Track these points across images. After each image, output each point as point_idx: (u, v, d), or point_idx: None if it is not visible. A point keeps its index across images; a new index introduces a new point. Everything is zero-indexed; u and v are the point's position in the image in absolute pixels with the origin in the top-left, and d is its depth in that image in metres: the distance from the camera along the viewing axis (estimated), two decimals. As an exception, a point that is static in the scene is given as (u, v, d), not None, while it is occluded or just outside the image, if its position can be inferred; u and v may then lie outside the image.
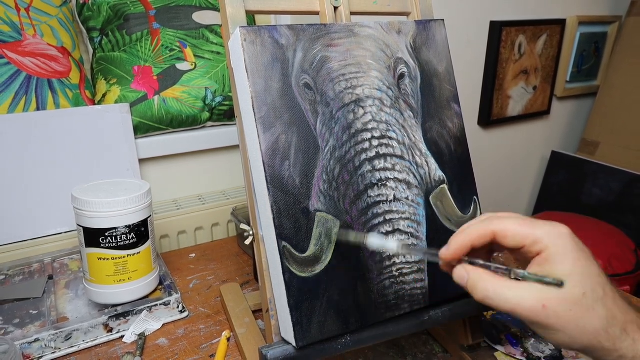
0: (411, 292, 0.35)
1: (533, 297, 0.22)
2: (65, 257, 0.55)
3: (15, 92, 0.55)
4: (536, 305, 0.22)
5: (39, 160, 0.56)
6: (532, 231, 0.23)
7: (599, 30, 1.08)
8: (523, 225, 0.24)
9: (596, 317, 0.22)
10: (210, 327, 0.45)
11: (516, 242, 0.24)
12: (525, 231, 0.24)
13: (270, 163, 0.31)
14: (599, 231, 0.89)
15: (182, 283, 0.53)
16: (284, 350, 0.31)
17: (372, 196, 0.34)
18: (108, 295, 0.44)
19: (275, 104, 0.32)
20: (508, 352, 0.41)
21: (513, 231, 0.24)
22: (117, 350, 0.41)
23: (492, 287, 0.23)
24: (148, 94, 0.61)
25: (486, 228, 0.25)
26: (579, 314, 0.22)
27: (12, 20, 0.55)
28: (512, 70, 0.95)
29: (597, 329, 0.22)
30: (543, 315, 0.22)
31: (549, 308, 0.22)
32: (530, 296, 0.22)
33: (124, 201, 0.42)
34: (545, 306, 0.22)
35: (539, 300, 0.22)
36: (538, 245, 0.23)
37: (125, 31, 0.62)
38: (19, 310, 0.45)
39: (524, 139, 1.08)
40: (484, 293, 0.23)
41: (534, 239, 0.23)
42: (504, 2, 0.91)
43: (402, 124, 0.36)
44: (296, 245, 0.31)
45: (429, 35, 0.39)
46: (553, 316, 0.22)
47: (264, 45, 0.32)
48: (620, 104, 1.03)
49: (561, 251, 0.23)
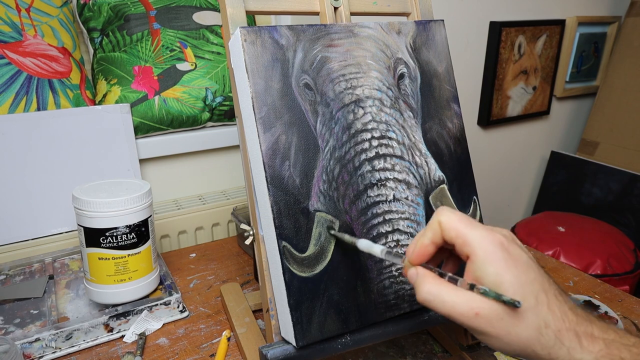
0: (411, 292, 0.35)
1: (467, 304, 0.22)
2: (66, 257, 0.55)
3: (16, 93, 0.55)
4: (469, 312, 0.22)
5: (40, 160, 0.56)
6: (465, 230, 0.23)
7: (598, 31, 1.08)
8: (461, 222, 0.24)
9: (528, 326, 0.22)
10: (211, 327, 0.45)
11: (451, 237, 0.24)
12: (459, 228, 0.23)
13: (270, 163, 0.31)
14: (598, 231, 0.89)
15: (183, 283, 0.53)
16: (284, 349, 0.31)
17: (371, 196, 0.34)
18: (108, 295, 0.44)
19: (276, 104, 0.32)
20: None
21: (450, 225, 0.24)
22: (117, 349, 0.41)
23: (431, 289, 0.23)
24: (148, 94, 0.61)
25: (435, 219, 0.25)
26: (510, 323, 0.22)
27: (13, 21, 0.55)
28: (512, 71, 0.95)
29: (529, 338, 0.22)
30: (476, 322, 0.22)
31: (481, 316, 0.22)
32: (464, 303, 0.22)
33: (124, 201, 0.42)
34: (478, 314, 0.22)
35: (472, 308, 0.22)
36: (467, 247, 0.23)
37: (125, 31, 0.62)
38: (20, 309, 0.45)
39: (524, 139, 1.08)
40: (424, 295, 0.23)
41: (464, 240, 0.23)
42: (504, 3, 0.91)
43: (401, 124, 0.36)
44: (296, 245, 0.31)
45: (429, 36, 0.39)
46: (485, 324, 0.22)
47: (264, 45, 0.32)
48: (620, 104, 1.03)
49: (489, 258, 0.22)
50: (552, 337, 0.22)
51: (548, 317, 0.22)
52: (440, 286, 0.23)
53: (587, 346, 0.22)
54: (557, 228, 0.90)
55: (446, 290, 0.23)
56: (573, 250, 0.84)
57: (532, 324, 0.22)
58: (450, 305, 0.22)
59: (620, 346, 0.22)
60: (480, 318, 0.22)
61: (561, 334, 0.22)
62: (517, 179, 1.13)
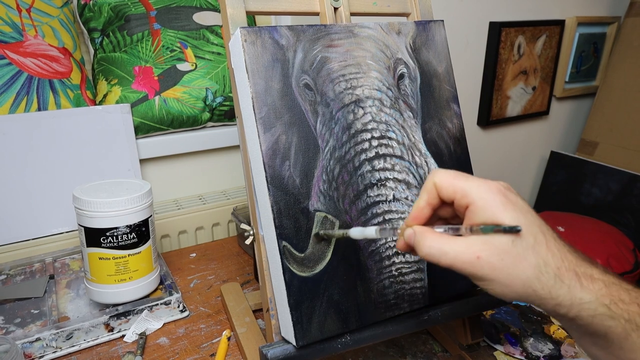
0: (411, 292, 0.35)
1: (468, 250, 0.22)
2: (67, 257, 0.55)
3: (17, 93, 0.55)
4: (471, 257, 0.22)
5: (40, 160, 0.56)
6: (462, 184, 0.24)
7: (597, 31, 1.08)
8: (456, 178, 0.24)
9: (527, 265, 0.22)
10: (211, 327, 0.45)
11: (449, 194, 0.24)
12: (456, 183, 0.24)
13: (270, 163, 0.32)
14: (597, 231, 0.89)
15: (183, 282, 0.53)
16: (284, 349, 0.31)
17: (371, 196, 0.34)
18: (109, 294, 0.44)
19: (276, 105, 0.32)
20: (507, 352, 0.41)
21: (446, 182, 0.24)
22: (118, 349, 0.41)
23: (432, 243, 0.23)
24: (149, 95, 0.61)
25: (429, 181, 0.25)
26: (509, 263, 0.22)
27: (14, 21, 0.55)
28: (511, 71, 0.95)
29: (529, 277, 0.22)
30: (478, 266, 0.22)
31: (482, 259, 0.22)
32: (465, 249, 0.22)
33: (124, 201, 0.42)
34: (479, 257, 0.22)
35: (473, 252, 0.22)
36: (466, 198, 0.23)
37: (126, 32, 0.62)
38: (20, 309, 0.45)
39: (523, 139, 1.09)
40: (426, 249, 0.24)
41: (463, 192, 0.24)
42: (503, 3, 0.91)
43: (401, 124, 0.36)
44: (296, 245, 0.31)
45: (429, 36, 0.39)
46: (487, 266, 0.22)
47: (264, 45, 0.33)
48: (619, 104, 1.03)
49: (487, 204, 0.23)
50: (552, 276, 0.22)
51: (547, 256, 0.22)
52: (440, 238, 0.23)
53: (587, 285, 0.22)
54: (556, 228, 0.91)
55: (446, 242, 0.23)
56: (573, 250, 0.84)
57: (532, 263, 0.22)
58: (452, 255, 0.23)
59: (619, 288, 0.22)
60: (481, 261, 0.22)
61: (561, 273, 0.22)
62: (517, 179, 1.13)
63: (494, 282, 0.22)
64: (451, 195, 0.24)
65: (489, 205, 0.23)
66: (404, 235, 0.25)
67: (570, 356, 0.41)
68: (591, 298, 0.22)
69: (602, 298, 0.22)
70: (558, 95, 1.08)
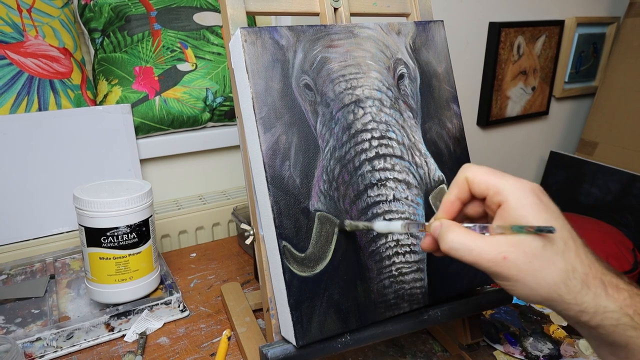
0: (410, 292, 0.35)
1: (494, 249, 0.22)
2: (67, 257, 0.55)
3: (17, 93, 0.55)
4: (497, 256, 0.22)
5: (41, 160, 0.56)
6: (496, 180, 0.23)
7: (597, 31, 1.08)
8: (490, 174, 0.24)
9: (555, 269, 0.22)
10: (211, 326, 0.45)
11: (481, 190, 0.24)
12: (490, 180, 0.24)
13: (270, 163, 0.32)
14: (597, 231, 0.89)
15: (183, 282, 0.53)
16: (284, 349, 0.31)
17: (371, 196, 0.34)
18: (109, 294, 0.44)
19: (276, 105, 0.32)
20: (507, 351, 0.41)
21: (479, 178, 0.24)
22: (118, 349, 0.41)
23: (458, 238, 0.23)
24: (149, 95, 0.62)
25: (461, 176, 0.25)
26: (538, 266, 0.22)
27: (14, 21, 0.56)
28: (511, 71, 0.96)
29: (557, 282, 0.22)
30: (504, 266, 0.22)
31: (509, 260, 0.22)
32: (492, 248, 0.22)
33: (125, 201, 0.42)
34: (506, 258, 0.22)
35: (500, 252, 0.22)
36: (499, 196, 0.23)
37: (126, 32, 0.62)
38: (21, 309, 0.45)
39: (523, 139, 1.09)
40: (450, 244, 0.23)
41: (496, 189, 0.23)
42: (503, 3, 0.91)
43: (401, 125, 0.36)
44: (296, 245, 0.31)
45: (428, 36, 0.39)
46: (513, 268, 0.22)
47: (264, 46, 0.33)
48: (619, 105, 1.03)
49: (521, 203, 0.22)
50: (579, 282, 0.22)
51: (576, 262, 0.22)
52: (466, 234, 0.23)
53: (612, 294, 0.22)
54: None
55: (472, 238, 0.23)
56: (572, 250, 0.84)
57: (560, 268, 0.22)
58: (477, 252, 0.22)
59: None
60: (508, 262, 0.22)
61: (588, 280, 0.22)
62: (517, 179, 1.13)
63: (519, 283, 0.22)
64: (484, 192, 0.24)
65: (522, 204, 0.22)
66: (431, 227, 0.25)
67: (570, 356, 0.41)
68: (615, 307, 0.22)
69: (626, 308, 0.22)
70: (557, 95, 1.08)
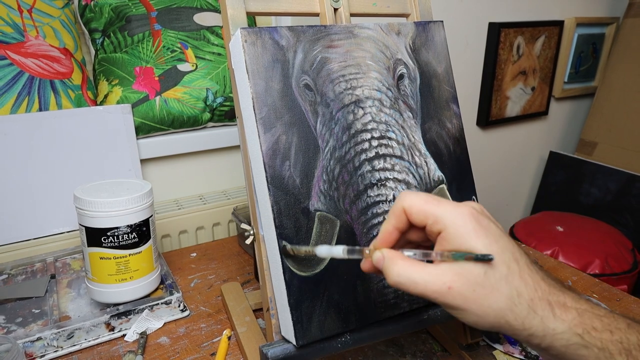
0: None
1: (438, 280, 0.22)
2: (68, 257, 0.55)
3: (18, 93, 0.55)
4: (442, 287, 0.22)
5: (42, 160, 0.56)
6: (433, 209, 0.23)
7: (596, 32, 1.08)
8: (428, 203, 0.23)
9: (500, 296, 0.21)
10: (211, 326, 0.45)
11: (420, 219, 0.24)
12: (428, 208, 0.23)
13: (270, 163, 0.32)
14: (596, 231, 0.89)
15: (183, 282, 0.53)
16: (284, 348, 0.31)
17: (371, 196, 0.34)
18: (110, 294, 0.44)
19: (276, 105, 0.33)
20: (506, 351, 0.41)
21: (417, 207, 0.24)
22: (118, 348, 0.41)
23: (403, 271, 0.23)
24: (149, 95, 0.62)
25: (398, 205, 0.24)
26: (482, 294, 0.21)
27: (15, 22, 0.56)
28: (511, 71, 0.96)
29: (502, 308, 0.21)
30: (449, 296, 0.22)
31: (454, 289, 0.22)
32: (436, 279, 0.22)
33: (125, 201, 0.42)
34: (451, 287, 0.22)
35: (444, 282, 0.22)
36: (437, 225, 0.23)
37: (126, 32, 0.62)
38: (22, 309, 0.45)
39: (523, 139, 1.09)
40: (395, 278, 0.23)
41: (434, 218, 0.23)
42: (503, 4, 0.91)
43: (401, 125, 0.37)
44: (296, 245, 0.31)
45: (428, 37, 0.39)
46: (458, 297, 0.22)
47: (264, 46, 0.33)
48: (618, 105, 1.04)
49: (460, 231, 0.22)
50: (525, 307, 0.22)
51: (520, 285, 0.22)
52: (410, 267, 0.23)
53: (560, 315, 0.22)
54: (555, 228, 0.91)
55: (416, 270, 0.23)
56: (572, 250, 0.85)
57: (505, 293, 0.21)
58: (422, 285, 0.22)
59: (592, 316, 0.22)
60: (453, 291, 0.22)
61: (534, 303, 0.22)
62: (516, 179, 1.13)
63: (466, 312, 0.22)
64: (422, 221, 0.24)
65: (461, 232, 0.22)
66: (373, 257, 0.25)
67: (569, 355, 0.41)
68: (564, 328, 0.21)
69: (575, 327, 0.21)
70: (557, 95, 1.08)
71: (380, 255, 0.24)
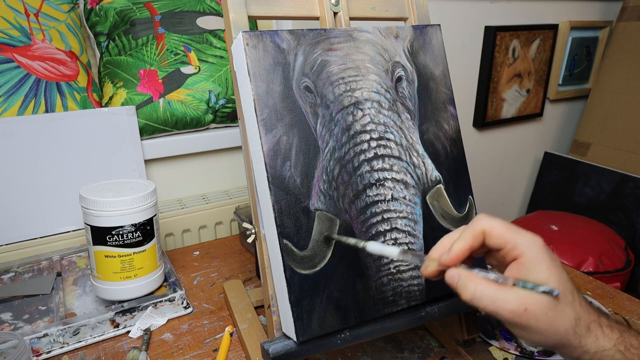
0: (408, 289, 0.36)
1: (517, 301, 0.24)
2: (73, 255, 0.56)
3: (25, 95, 0.56)
4: (519, 308, 0.24)
5: (48, 161, 0.56)
6: (514, 236, 0.26)
7: (590, 35, 1.10)
8: (508, 230, 0.26)
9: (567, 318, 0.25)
10: (214, 323, 0.45)
11: (499, 243, 0.26)
12: (508, 235, 0.26)
13: (271, 164, 0.32)
14: (590, 230, 0.90)
15: (187, 280, 0.54)
16: (285, 344, 0.32)
17: (370, 195, 0.35)
18: (115, 291, 0.45)
19: (277, 107, 0.33)
20: (502, 347, 0.41)
21: (498, 232, 0.26)
22: (123, 345, 0.42)
23: (480, 288, 0.25)
24: (153, 97, 0.62)
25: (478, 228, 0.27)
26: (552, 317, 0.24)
27: (22, 25, 0.56)
28: (506, 74, 0.97)
29: (567, 329, 0.25)
30: (525, 317, 0.24)
31: (529, 311, 0.24)
32: (514, 299, 0.24)
33: (130, 200, 0.43)
34: (527, 309, 0.24)
35: (522, 304, 0.24)
36: (516, 250, 0.26)
37: (131, 36, 0.63)
38: (28, 306, 0.46)
39: (518, 140, 1.10)
40: (474, 294, 0.25)
41: (514, 244, 0.26)
42: (498, 8, 0.93)
43: (399, 126, 0.37)
44: (297, 243, 0.32)
45: (426, 40, 0.40)
46: (532, 319, 0.24)
47: (265, 49, 0.33)
48: (611, 107, 1.05)
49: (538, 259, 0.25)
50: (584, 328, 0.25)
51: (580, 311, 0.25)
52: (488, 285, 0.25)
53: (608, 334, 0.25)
54: (550, 227, 0.92)
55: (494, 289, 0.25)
56: (566, 248, 0.85)
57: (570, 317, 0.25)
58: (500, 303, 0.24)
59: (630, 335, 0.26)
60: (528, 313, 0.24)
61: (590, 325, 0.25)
62: (512, 179, 1.14)
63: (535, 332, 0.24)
64: (500, 245, 0.26)
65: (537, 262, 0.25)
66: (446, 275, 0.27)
67: (563, 351, 0.42)
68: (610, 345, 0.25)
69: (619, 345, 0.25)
70: (551, 97, 1.09)
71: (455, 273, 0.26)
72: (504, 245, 0.26)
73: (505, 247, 0.26)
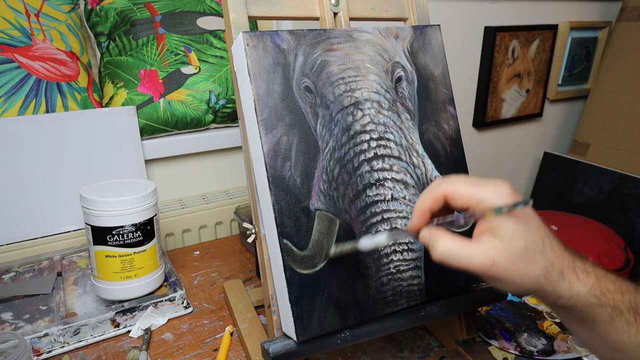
0: (408, 289, 0.36)
1: (483, 255, 0.24)
2: (74, 255, 0.56)
3: (25, 95, 0.56)
4: (486, 261, 0.24)
5: (49, 161, 0.56)
6: (476, 192, 0.25)
7: (589, 35, 1.10)
8: (470, 187, 0.26)
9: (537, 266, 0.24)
10: (214, 322, 0.45)
11: (463, 202, 0.26)
12: (470, 192, 0.25)
13: (272, 164, 0.32)
14: (589, 229, 0.90)
15: (187, 280, 0.54)
16: (285, 344, 0.32)
17: (370, 195, 0.35)
18: (115, 291, 0.45)
19: (277, 107, 0.33)
20: (502, 347, 0.42)
21: (460, 192, 0.26)
22: (123, 344, 0.42)
23: (448, 247, 0.25)
24: (154, 97, 0.63)
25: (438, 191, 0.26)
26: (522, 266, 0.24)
27: (22, 26, 0.56)
28: (506, 74, 0.97)
29: (538, 276, 0.24)
30: (494, 270, 0.24)
31: (497, 263, 0.24)
32: (480, 254, 0.24)
33: (130, 200, 0.43)
34: (495, 262, 0.24)
35: (488, 257, 0.24)
36: (482, 205, 0.25)
37: (131, 36, 0.63)
38: (29, 306, 0.46)
39: (517, 140, 1.10)
40: (441, 252, 0.25)
41: (478, 199, 0.25)
42: (498, 8, 0.93)
43: (399, 126, 0.37)
44: (297, 243, 0.32)
45: (426, 40, 0.40)
46: (502, 270, 0.24)
47: (265, 49, 0.33)
48: (611, 107, 1.05)
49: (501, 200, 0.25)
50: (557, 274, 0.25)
51: (553, 257, 0.25)
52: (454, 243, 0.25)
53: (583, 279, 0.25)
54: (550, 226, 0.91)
55: (461, 245, 0.25)
56: (566, 249, 0.86)
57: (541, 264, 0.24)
58: (466, 259, 0.24)
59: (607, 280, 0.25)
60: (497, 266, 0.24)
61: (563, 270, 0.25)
62: (511, 179, 1.14)
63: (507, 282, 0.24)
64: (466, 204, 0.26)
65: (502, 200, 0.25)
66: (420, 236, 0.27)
67: (563, 351, 0.41)
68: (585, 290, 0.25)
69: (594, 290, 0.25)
70: (551, 97, 1.09)
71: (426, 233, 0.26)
72: (469, 203, 0.25)
73: (470, 204, 0.25)
